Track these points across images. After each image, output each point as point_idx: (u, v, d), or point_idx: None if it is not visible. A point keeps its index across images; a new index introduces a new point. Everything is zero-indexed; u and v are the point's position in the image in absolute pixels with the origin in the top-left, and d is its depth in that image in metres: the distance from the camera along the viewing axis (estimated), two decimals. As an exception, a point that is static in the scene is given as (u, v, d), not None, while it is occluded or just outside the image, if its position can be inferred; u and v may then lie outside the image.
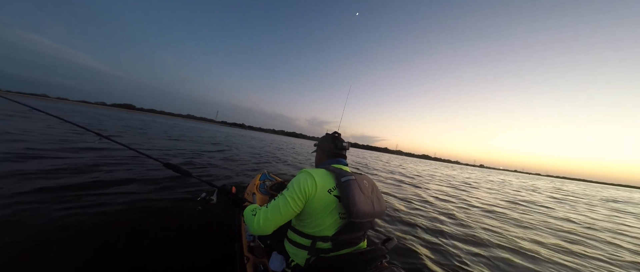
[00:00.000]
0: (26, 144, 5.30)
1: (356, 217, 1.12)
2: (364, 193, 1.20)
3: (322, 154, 1.48)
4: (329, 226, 1.18)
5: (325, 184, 1.18)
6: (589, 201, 11.78)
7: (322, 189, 1.16)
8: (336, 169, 1.26)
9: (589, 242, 4.20)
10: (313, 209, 1.16)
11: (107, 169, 4.31)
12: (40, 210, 2.45)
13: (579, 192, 17.72)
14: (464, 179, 15.60)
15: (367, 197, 1.21)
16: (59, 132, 7.65)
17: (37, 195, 2.80)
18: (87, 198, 2.93)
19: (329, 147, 1.45)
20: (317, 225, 1.18)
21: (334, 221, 1.18)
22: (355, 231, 1.24)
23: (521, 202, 8.07)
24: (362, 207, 1.13)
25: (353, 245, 1.27)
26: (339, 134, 1.50)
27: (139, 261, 1.94)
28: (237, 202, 2.00)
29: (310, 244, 1.18)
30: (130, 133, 11.77)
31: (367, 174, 2.07)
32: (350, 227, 1.18)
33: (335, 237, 1.18)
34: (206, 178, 2.14)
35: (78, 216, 2.47)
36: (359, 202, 1.13)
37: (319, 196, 1.15)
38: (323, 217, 1.16)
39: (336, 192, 1.18)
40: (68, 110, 28.96)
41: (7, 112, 12.47)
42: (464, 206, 6.09)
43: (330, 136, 1.50)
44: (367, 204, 1.17)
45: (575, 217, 6.56)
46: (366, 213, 1.15)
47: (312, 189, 1.15)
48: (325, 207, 1.16)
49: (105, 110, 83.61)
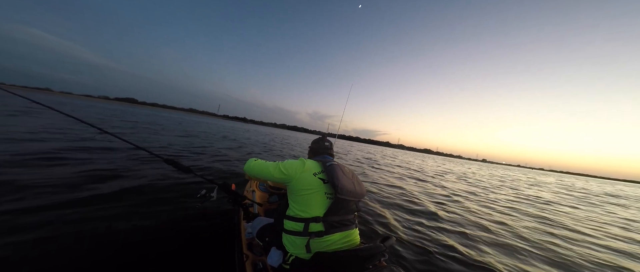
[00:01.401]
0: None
1: (341, 192, 1.32)
2: (346, 175, 1.44)
3: (312, 154, 1.80)
4: (317, 205, 1.34)
5: (311, 168, 1.46)
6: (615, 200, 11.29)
7: (308, 171, 1.43)
8: (323, 160, 1.55)
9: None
10: (299, 187, 1.39)
11: (105, 164, 4.33)
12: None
13: (597, 190, 17.15)
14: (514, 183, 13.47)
15: (348, 178, 1.44)
16: (59, 126, 7.73)
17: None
18: (84, 193, 2.95)
19: (317, 147, 1.78)
20: (305, 203, 1.35)
21: (320, 200, 1.36)
22: (344, 212, 1.40)
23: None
24: (345, 184, 1.36)
25: (344, 227, 1.39)
26: (327, 138, 1.88)
27: (137, 257, 1.95)
28: (237, 200, 2.00)
29: (303, 228, 1.30)
30: (147, 132, 10.98)
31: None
32: (337, 206, 1.35)
33: (325, 217, 1.32)
34: (206, 175, 2.13)
35: (74, 212, 2.48)
36: (342, 179, 1.37)
37: (304, 176, 1.41)
38: (310, 195, 1.36)
39: (321, 176, 1.42)
40: (75, 105, 28.98)
41: (20, 108, 12.50)
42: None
43: (319, 138, 1.87)
44: (349, 183, 1.40)
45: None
46: (349, 190, 1.37)
47: (298, 169, 1.43)
48: (310, 187, 1.38)
49: (109, 104, 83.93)
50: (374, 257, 1.26)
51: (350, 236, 1.40)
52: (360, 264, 1.22)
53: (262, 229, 1.70)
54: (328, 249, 1.29)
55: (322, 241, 1.29)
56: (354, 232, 1.44)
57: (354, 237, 1.43)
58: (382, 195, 5.58)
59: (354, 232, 1.44)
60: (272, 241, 1.50)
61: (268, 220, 1.78)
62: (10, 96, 22.06)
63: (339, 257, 1.20)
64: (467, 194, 7.43)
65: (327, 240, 1.30)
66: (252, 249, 1.72)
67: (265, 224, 1.72)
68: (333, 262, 1.18)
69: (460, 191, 8.01)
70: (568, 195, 11.19)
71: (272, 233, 1.54)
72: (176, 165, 1.91)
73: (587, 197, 11.14)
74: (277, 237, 1.42)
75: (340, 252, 1.23)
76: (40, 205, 2.49)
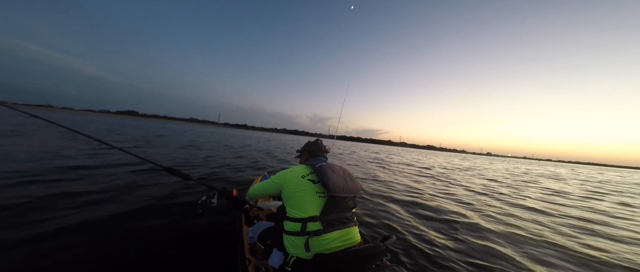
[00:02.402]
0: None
1: (333, 190, 1.35)
2: (336, 173, 1.47)
3: (307, 155, 1.85)
4: (311, 205, 1.37)
5: (299, 172, 1.52)
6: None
7: (296, 175, 1.50)
8: (313, 163, 1.61)
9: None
10: (290, 190, 1.45)
11: (105, 174, 4.38)
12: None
13: (618, 180, 16.72)
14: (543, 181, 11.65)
15: (340, 176, 1.47)
16: (57, 141, 7.79)
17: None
18: (85, 201, 2.99)
19: (312, 150, 1.83)
20: (300, 204, 1.38)
21: (313, 199, 1.40)
22: (340, 209, 1.42)
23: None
24: (336, 181, 1.39)
25: (343, 225, 1.40)
26: (320, 140, 1.93)
27: (139, 264, 1.97)
28: (238, 205, 2.02)
29: (301, 227, 1.32)
30: (159, 142, 10.80)
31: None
32: (332, 203, 1.38)
33: (322, 216, 1.35)
34: (206, 182, 2.15)
35: (75, 217, 2.53)
36: (333, 177, 1.40)
37: (292, 180, 1.48)
38: (301, 196, 1.41)
39: (310, 177, 1.48)
40: (80, 121, 29.19)
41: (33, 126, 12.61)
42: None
43: (314, 141, 1.91)
44: (340, 181, 1.42)
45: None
46: (342, 187, 1.39)
47: (287, 175, 1.53)
48: (300, 189, 1.43)
49: (111, 118, 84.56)
50: (376, 257, 1.26)
51: (349, 234, 1.40)
52: (362, 264, 1.22)
53: (263, 232, 1.71)
54: (327, 248, 1.29)
55: (320, 239, 1.30)
56: (353, 230, 1.44)
57: (354, 235, 1.43)
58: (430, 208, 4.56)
59: (353, 230, 1.44)
60: (273, 243, 1.51)
61: (269, 224, 1.79)
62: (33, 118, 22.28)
63: (340, 258, 1.20)
64: (537, 205, 5.63)
65: (325, 238, 1.31)
66: (254, 253, 1.73)
67: (267, 228, 1.74)
68: (334, 262, 1.19)
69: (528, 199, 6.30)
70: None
71: (273, 236, 1.55)
72: (175, 172, 1.93)
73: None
74: (278, 240, 1.43)
75: (341, 252, 1.24)
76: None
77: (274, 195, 1.63)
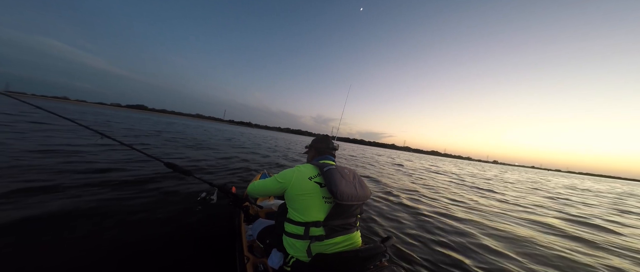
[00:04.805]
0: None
1: (341, 198, 1.24)
2: (345, 178, 1.35)
3: (315, 152, 1.71)
4: (316, 210, 1.29)
5: (306, 173, 1.39)
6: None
7: (302, 176, 1.37)
8: (321, 163, 1.47)
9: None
10: (295, 192, 1.34)
11: (106, 168, 4.40)
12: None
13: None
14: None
15: (349, 182, 1.35)
16: (64, 132, 7.97)
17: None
18: (85, 196, 3.00)
19: (320, 147, 1.69)
20: (304, 208, 1.30)
21: (319, 204, 1.31)
22: (345, 216, 1.35)
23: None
24: (344, 189, 1.27)
25: (346, 231, 1.35)
26: (328, 136, 1.82)
27: (138, 261, 1.96)
28: (237, 202, 2.00)
29: (304, 231, 1.26)
30: (174, 143, 9.77)
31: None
32: (338, 211, 1.29)
33: (326, 222, 1.28)
34: (207, 178, 2.14)
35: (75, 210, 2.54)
36: (341, 184, 1.28)
37: (298, 182, 1.35)
38: (306, 200, 1.31)
39: (317, 180, 1.36)
40: (95, 113, 29.69)
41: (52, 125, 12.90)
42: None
43: (322, 136, 1.78)
44: (349, 187, 1.31)
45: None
46: (350, 195, 1.29)
47: (291, 176, 1.39)
48: (305, 192, 1.32)
49: (123, 112, 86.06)
50: (375, 258, 1.25)
51: (352, 239, 1.38)
52: (361, 265, 1.22)
53: (262, 231, 1.70)
54: (329, 251, 1.27)
55: (323, 244, 1.28)
56: (356, 235, 1.42)
57: (356, 240, 1.41)
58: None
59: (355, 235, 1.42)
60: (272, 243, 1.50)
61: (268, 222, 1.77)
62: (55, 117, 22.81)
63: (340, 258, 1.19)
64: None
65: (328, 243, 1.29)
66: (252, 251, 1.71)
67: (266, 226, 1.72)
68: (334, 263, 1.17)
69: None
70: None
71: (273, 235, 1.54)
72: (176, 168, 1.92)
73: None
74: (278, 239, 1.42)
75: (341, 253, 1.22)
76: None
77: (275, 194, 1.52)
